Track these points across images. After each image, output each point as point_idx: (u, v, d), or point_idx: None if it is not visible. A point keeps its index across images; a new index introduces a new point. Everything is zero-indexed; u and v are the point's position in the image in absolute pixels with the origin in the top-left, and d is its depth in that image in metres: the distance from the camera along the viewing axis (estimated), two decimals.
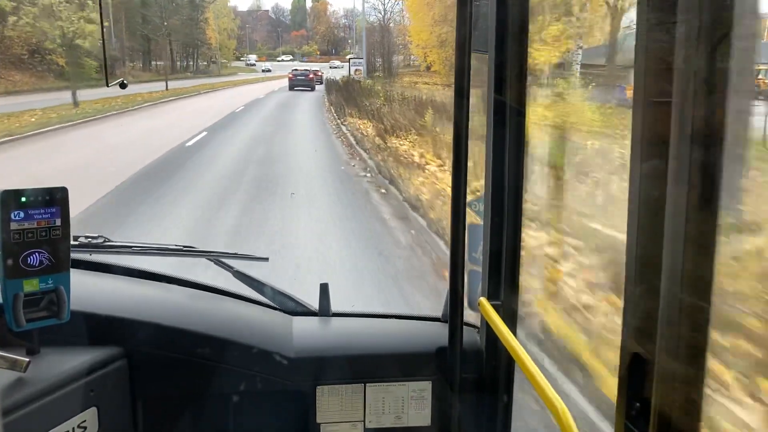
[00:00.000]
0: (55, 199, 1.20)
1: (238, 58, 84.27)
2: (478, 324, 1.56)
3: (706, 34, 0.74)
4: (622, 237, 0.90)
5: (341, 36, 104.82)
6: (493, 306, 1.41)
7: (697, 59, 0.75)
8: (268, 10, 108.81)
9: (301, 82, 37.09)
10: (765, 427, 2.04)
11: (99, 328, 1.37)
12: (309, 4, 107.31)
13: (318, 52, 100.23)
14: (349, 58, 40.50)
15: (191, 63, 65.02)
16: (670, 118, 0.78)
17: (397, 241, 6.75)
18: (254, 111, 24.01)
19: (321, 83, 37.56)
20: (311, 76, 37.88)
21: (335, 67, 64.18)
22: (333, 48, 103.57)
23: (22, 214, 1.16)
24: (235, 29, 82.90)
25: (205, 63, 67.37)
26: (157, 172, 10.58)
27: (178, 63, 62.98)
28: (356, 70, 39.28)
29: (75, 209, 1.25)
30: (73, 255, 1.30)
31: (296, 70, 39.57)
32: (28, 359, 1.15)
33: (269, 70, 72.39)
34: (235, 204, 8.22)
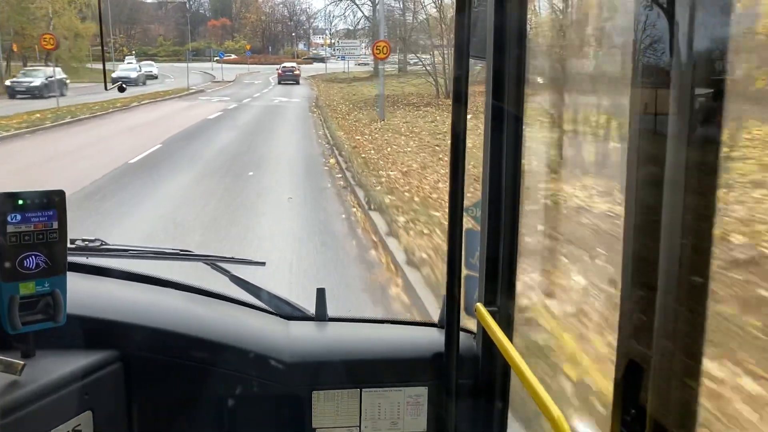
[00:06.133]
0: (53, 201, 1.20)
1: (120, 58, 51.58)
2: (475, 330, 1.56)
3: (702, 40, 0.75)
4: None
5: (279, 30, 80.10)
6: (490, 312, 1.41)
7: (693, 64, 0.76)
8: (184, 2, 79.56)
9: (288, 77, 42.00)
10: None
11: (95, 331, 1.37)
12: None
13: (249, 48, 69.58)
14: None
15: None
16: (666, 123, 0.79)
17: None
18: None
19: (298, 84, 40.49)
20: (296, 72, 43.12)
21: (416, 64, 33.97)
22: (269, 45, 79.28)
23: (18, 217, 1.16)
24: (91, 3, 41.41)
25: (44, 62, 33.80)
26: None
27: None
28: None
29: None
30: (70, 258, 1.30)
31: (285, 66, 44.29)
32: (23, 362, 1.15)
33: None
34: None
